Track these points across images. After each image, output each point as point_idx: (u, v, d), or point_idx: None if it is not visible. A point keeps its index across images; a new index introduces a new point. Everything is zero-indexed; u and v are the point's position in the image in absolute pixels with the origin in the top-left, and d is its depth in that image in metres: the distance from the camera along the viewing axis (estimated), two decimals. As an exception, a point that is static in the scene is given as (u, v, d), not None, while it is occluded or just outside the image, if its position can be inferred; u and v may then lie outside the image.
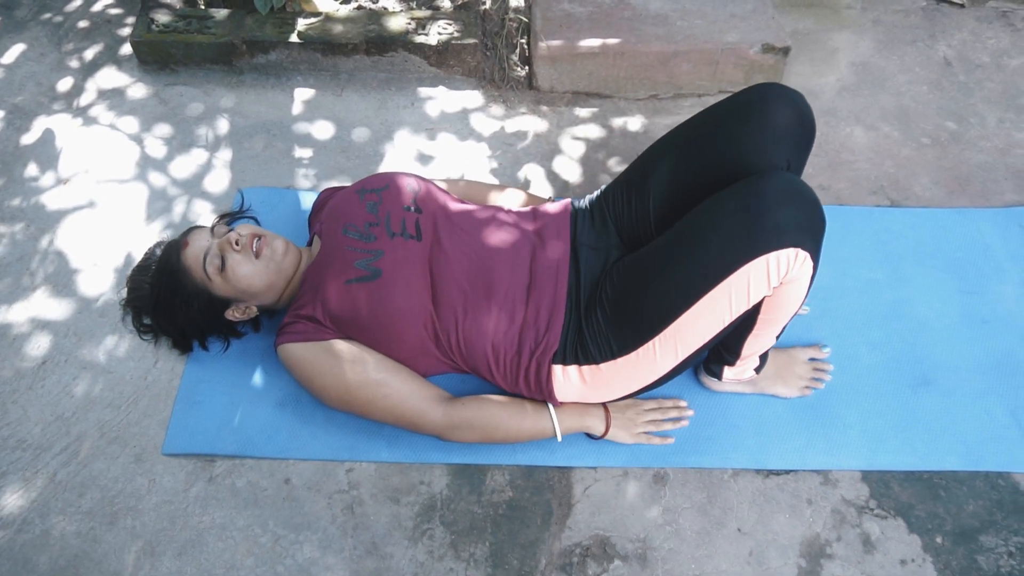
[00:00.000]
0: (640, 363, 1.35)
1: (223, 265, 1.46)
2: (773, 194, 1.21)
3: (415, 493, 1.48)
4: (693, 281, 1.27)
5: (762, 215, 1.20)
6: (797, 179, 1.25)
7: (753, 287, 1.24)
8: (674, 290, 1.28)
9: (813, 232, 1.22)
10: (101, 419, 1.57)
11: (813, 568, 1.40)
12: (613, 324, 1.35)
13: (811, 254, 1.22)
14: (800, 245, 1.20)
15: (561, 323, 1.39)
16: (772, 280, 1.23)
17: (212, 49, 2.14)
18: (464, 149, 2.02)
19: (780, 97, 1.35)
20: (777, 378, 1.56)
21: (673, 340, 1.31)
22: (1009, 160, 1.98)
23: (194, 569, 1.40)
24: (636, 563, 1.40)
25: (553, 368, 1.39)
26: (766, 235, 1.20)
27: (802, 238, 1.20)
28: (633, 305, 1.34)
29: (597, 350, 1.36)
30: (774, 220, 1.20)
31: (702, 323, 1.29)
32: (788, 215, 1.20)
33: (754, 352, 1.43)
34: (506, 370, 1.43)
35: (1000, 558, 1.40)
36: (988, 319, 1.69)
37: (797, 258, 1.21)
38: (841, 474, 1.50)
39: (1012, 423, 1.54)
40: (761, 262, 1.21)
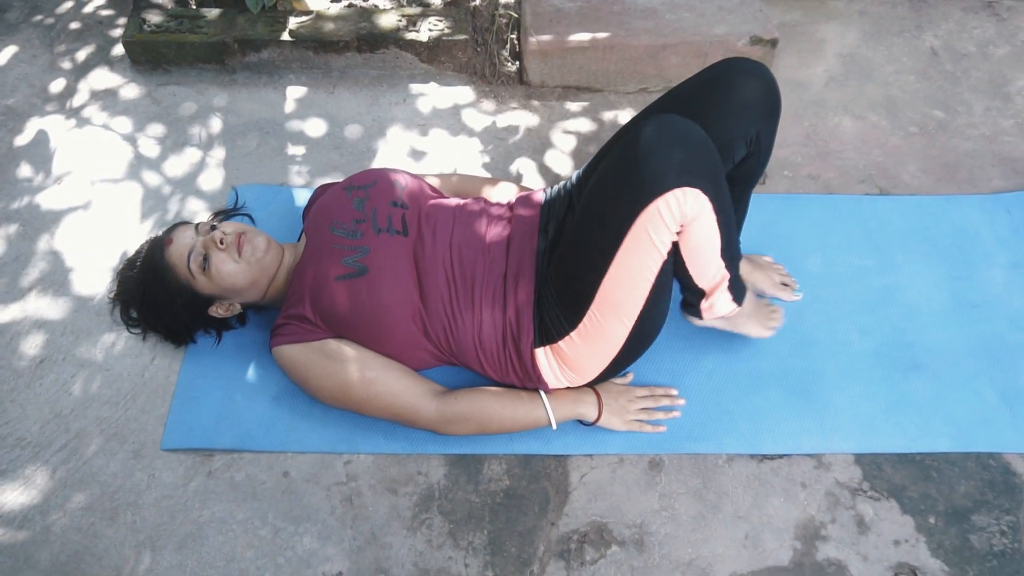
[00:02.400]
0: (592, 334, 1.36)
1: (206, 263, 1.47)
2: (644, 143, 1.19)
3: (413, 484, 1.49)
4: (600, 245, 1.28)
5: (638, 166, 1.19)
6: (669, 119, 1.23)
7: (656, 237, 1.23)
8: (589, 256, 1.30)
9: (695, 167, 1.20)
10: (99, 416, 1.58)
11: (808, 550, 1.41)
12: (558, 301, 1.38)
13: (701, 188, 1.20)
14: (684, 184, 1.18)
15: (530, 308, 1.41)
16: (671, 225, 1.22)
17: (204, 48, 2.15)
18: (456, 144, 2.04)
19: (745, 71, 1.36)
20: (753, 317, 1.57)
21: (608, 305, 1.32)
22: (996, 147, 2.01)
23: (195, 562, 1.41)
24: (633, 548, 1.42)
25: (536, 352, 1.41)
26: (646, 184, 1.19)
27: (684, 177, 1.19)
28: (567, 281, 1.36)
29: (554, 328, 1.39)
30: (650, 168, 1.19)
31: (625, 284, 1.29)
32: (662, 159, 1.18)
33: (713, 285, 1.41)
34: (494, 361, 1.44)
35: (992, 537, 1.42)
36: (977, 303, 1.71)
37: (687, 197, 1.19)
38: (834, 457, 1.52)
39: (1002, 405, 1.56)
40: (652, 210, 1.20)
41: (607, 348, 1.40)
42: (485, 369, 1.47)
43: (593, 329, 1.36)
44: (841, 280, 1.75)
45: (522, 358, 1.43)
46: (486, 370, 1.47)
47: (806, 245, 1.81)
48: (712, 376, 1.61)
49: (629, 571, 1.39)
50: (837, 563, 1.40)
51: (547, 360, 1.42)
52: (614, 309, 1.33)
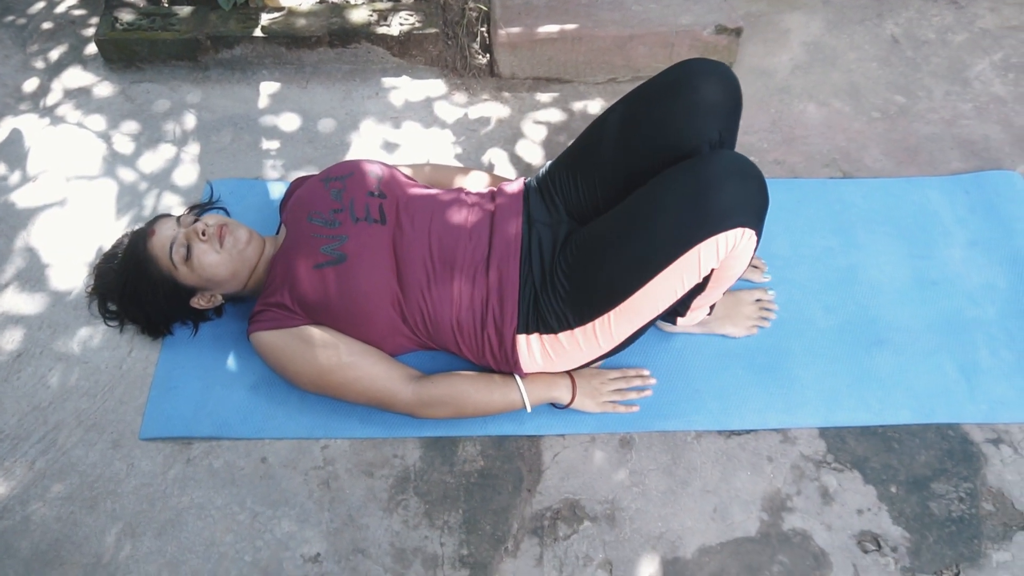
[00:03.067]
0: (597, 334, 1.40)
1: (188, 254, 1.49)
2: (719, 175, 1.26)
3: (389, 466, 1.52)
4: (647, 261, 1.31)
5: (709, 197, 1.25)
6: (740, 157, 1.29)
7: (703, 264, 1.29)
8: (629, 269, 1.33)
9: (757, 210, 1.27)
10: (78, 408, 1.59)
11: (775, 521, 1.46)
12: (570, 298, 1.40)
13: (755, 231, 1.28)
14: (746, 224, 1.25)
15: (516, 296, 1.43)
16: (720, 255, 1.28)
17: (177, 46, 2.16)
18: (428, 136, 2.07)
19: (705, 72, 1.39)
20: (727, 319, 1.64)
21: (628, 313, 1.37)
22: (955, 130, 2.06)
23: (174, 548, 1.43)
24: (605, 523, 1.45)
25: (517, 338, 1.44)
26: (714, 217, 1.25)
27: (747, 217, 1.25)
28: (589, 282, 1.38)
29: (556, 321, 1.41)
30: (720, 202, 1.24)
31: (656, 297, 1.34)
32: (733, 196, 1.24)
33: (703, 305, 1.50)
34: (471, 343, 1.47)
35: (951, 503, 1.46)
36: (937, 280, 1.76)
37: (744, 236, 1.26)
38: (799, 431, 1.56)
39: (961, 377, 1.61)
40: (711, 242, 1.26)
41: (604, 345, 1.44)
42: (461, 350, 1.50)
43: (601, 328, 1.40)
44: (806, 260, 1.79)
45: (503, 342, 1.45)
46: (462, 350, 1.50)
47: (773, 228, 1.84)
48: (681, 356, 1.65)
49: (601, 546, 1.43)
50: (802, 533, 1.44)
51: (528, 346, 1.45)
52: (631, 316, 1.37)
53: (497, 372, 1.53)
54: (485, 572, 1.40)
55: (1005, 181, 1.92)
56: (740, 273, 1.39)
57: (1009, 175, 1.94)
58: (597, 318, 1.38)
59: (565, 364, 1.48)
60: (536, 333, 1.43)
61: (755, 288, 1.71)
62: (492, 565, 1.41)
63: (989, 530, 1.43)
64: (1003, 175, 1.94)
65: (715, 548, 1.43)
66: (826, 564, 1.41)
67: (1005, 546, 1.41)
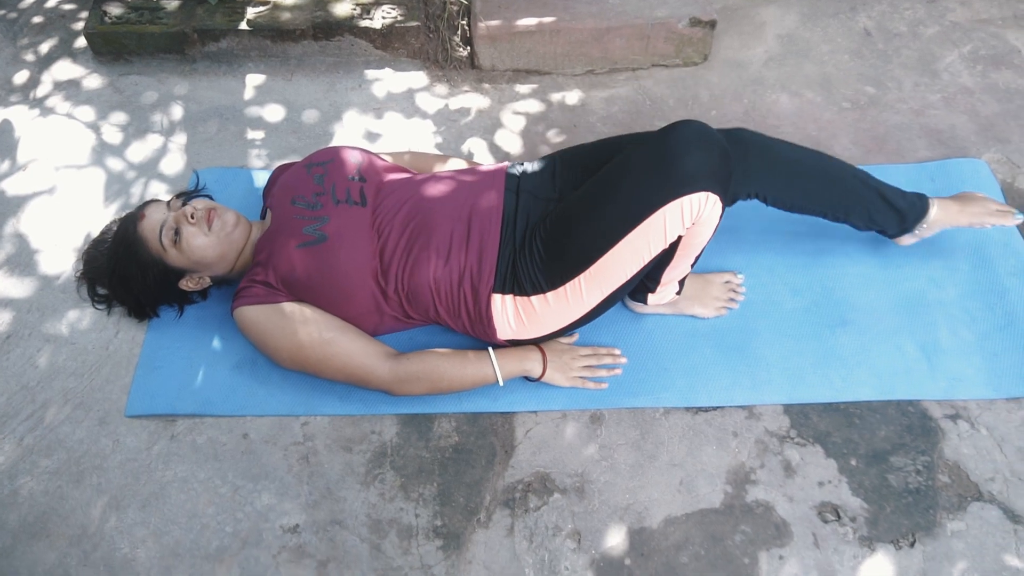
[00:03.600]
0: (568, 298, 1.46)
1: (178, 237, 1.54)
2: (683, 142, 1.32)
3: (367, 442, 1.57)
4: (615, 224, 1.38)
5: (673, 162, 1.32)
6: (705, 127, 1.36)
7: (669, 228, 1.35)
8: (598, 233, 1.40)
9: (720, 177, 1.34)
10: (65, 387, 1.64)
11: (739, 493, 1.51)
12: (544, 263, 1.46)
13: (720, 196, 1.34)
14: (710, 189, 1.32)
15: (494, 258, 1.49)
16: (686, 221, 1.34)
17: (164, 39, 2.22)
18: (410, 126, 2.12)
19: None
20: (695, 300, 1.70)
21: (598, 277, 1.43)
22: (923, 120, 2.11)
23: (158, 519, 1.48)
24: (574, 495, 1.50)
25: (492, 297, 1.49)
26: (678, 181, 1.31)
27: (711, 183, 1.32)
28: (562, 246, 1.44)
29: (530, 284, 1.47)
30: (684, 167, 1.31)
31: (624, 261, 1.40)
32: (697, 162, 1.31)
33: (672, 279, 1.56)
34: (448, 302, 1.52)
35: (908, 475, 1.52)
36: (901, 264, 1.81)
37: (708, 201, 1.32)
38: (764, 408, 1.61)
39: (921, 357, 1.66)
40: (675, 206, 1.32)
41: (575, 311, 1.49)
42: (439, 312, 1.55)
43: (572, 294, 1.46)
44: (775, 244, 1.84)
45: (478, 300, 1.50)
46: (440, 313, 1.55)
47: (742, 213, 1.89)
48: (651, 336, 1.70)
49: (570, 516, 1.48)
50: (765, 504, 1.49)
51: (503, 306, 1.50)
52: (601, 281, 1.43)
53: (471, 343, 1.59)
54: (458, 542, 1.45)
55: (970, 168, 1.98)
56: (705, 242, 1.45)
57: (974, 163, 1.99)
58: (568, 282, 1.44)
59: (537, 330, 1.53)
60: (511, 295, 1.49)
61: (723, 272, 1.77)
62: (465, 535, 1.46)
63: (944, 501, 1.49)
64: (968, 163, 1.99)
65: (680, 519, 1.48)
66: (787, 534, 1.46)
67: (960, 516, 1.47)
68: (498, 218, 1.52)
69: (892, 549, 1.43)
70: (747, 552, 1.44)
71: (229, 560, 1.44)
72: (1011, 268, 1.78)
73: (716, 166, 1.33)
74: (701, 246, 1.45)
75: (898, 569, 1.41)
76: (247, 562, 1.44)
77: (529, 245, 1.48)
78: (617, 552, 1.44)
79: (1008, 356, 1.65)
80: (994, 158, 2.01)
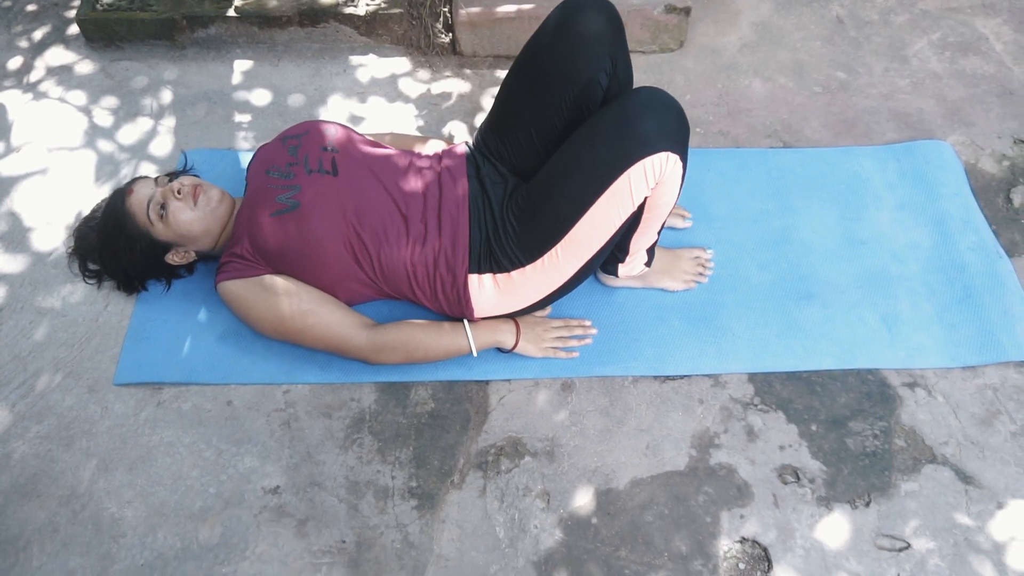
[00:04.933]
0: (547, 269, 1.52)
1: (164, 211, 1.60)
2: (639, 108, 1.38)
3: (346, 408, 1.63)
4: (584, 191, 1.44)
5: (631, 126, 1.38)
6: (658, 91, 1.41)
7: (635, 190, 1.41)
8: (569, 201, 1.46)
9: (678, 136, 1.40)
10: (56, 357, 1.70)
11: (703, 457, 1.57)
12: (520, 238, 1.52)
13: (680, 156, 1.40)
14: (669, 149, 1.38)
15: (467, 243, 1.55)
16: (650, 182, 1.41)
17: (154, 25, 2.27)
18: (393, 110, 2.18)
19: (582, 8, 1.50)
20: (664, 273, 1.75)
21: (573, 245, 1.49)
22: (891, 104, 2.17)
23: (144, 481, 1.54)
24: (544, 458, 1.57)
25: (469, 277, 1.55)
26: (638, 143, 1.37)
27: (669, 143, 1.38)
28: (536, 220, 1.50)
29: (507, 261, 1.53)
30: (642, 130, 1.37)
31: (597, 226, 1.46)
32: (654, 124, 1.37)
33: (640, 248, 1.62)
34: (425, 284, 1.58)
35: (866, 440, 1.58)
36: (866, 240, 1.87)
37: (668, 160, 1.39)
38: (730, 377, 1.67)
39: (882, 327, 1.72)
40: (638, 167, 1.38)
41: (554, 280, 1.56)
42: (415, 294, 1.61)
43: (550, 263, 1.52)
44: (744, 223, 1.91)
45: (456, 282, 1.56)
46: (416, 295, 1.61)
47: (714, 193, 1.97)
48: (622, 308, 1.76)
49: (540, 478, 1.54)
50: (728, 467, 1.55)
51: (480, 285, 1.56)
52: (577, 248, 1.50)
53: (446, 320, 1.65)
54: (432, 502, 1.52)
55: (934, 150, 2.04)
56: (670, 206, 1.50)
57: (939, 144, 2.05)
58: (546, 252, 1.50)
59: (517, 302, 1.59)
60: (489, 273, 1.55)
61: (693, 248, 1.83)
62: (439, 496, 1.52)
63: (900, 463, 1.55)
64: (933, 144, 2.05)
65: (646, 480, 1.54)
66: (748, 494, 1.52)
67: (914, 478, 1.53)
68: (465, 208, 1.58)
69: (848, 508, 1.50)
70: (709, 511, 1.50)
71: (212, 519, 1.50)
72: (971, 244, 1.84)
73: (673, 126, 1.39)
74: (667, 207, 1.50)
75: (853, 527, 1.47)
76: (229, 521, 1.50)
77: (503, 226, 1.54)
78: (584, 512, 1.50)
79: (965, 327, 1.72)
80: (959, 140, 2.07)
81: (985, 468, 1.54)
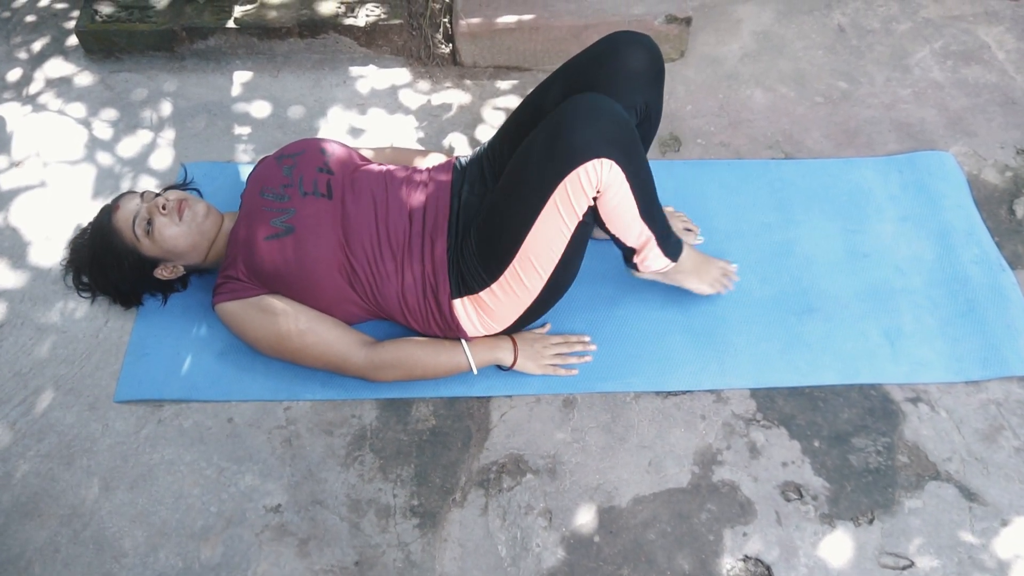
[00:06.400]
0: (511, 286, 1.51)
1: (150, 227, 1.60)
2: (568, 117, 1.37)
3: (347, 425, 1.63)
4: (527, 206, 1.43)
5: (561, 137, 1.36)
6: (595, 97, 1.39)
7: (574, 199, 1.40)
8: (515, 216, 1.45)
9: (610, 140, 1.36)
10: (56, 374, 1.70)
11: (705, 473, 1.56)
12: (479, 256, 1.51)
13: (616, 160, 1.36)
14: (603, 155, 1.35)
15: (445, 263, 1.54)
16: (588, 191, 1.39)
17: (154, 37, 2.27)
18: (393, 122, 2.17)
19: (630, 43, 1.50)
20: (693, 273, 1.70)
21: (528, 260, 1.47)
22: (893, 114, 2.17)
23: (145, 499, 1.54)
24: (546, 476, 1.56)
25: (453, 303, 1.55)
26: (568, 155, 1.36)
27: (603, 149, 1.35)
28: (490, 237, 1.50)
29: (474, 281, 1.53)
30: (572, 140, 1.35)
31: (548, 239, 1.45)
32: (586, 132, 1.35)
33: (640, 244, 1.55)
34: (417, 314, 1.58)
35: (869, 456, 1.57)
36: (868, 253, 1.86)
37: (603, 166, 1.36)
38: (732, 392, 1.67)
39: (884, 342, 1.71)
40: (573, 177, 1.37)
41: (524, 298, 1.54)
42: (409, 322, 1.61)
43: (513, 281, 1.50)
44: (746, 235, 1.90)
45: (441, 309, 1.56)
46: (410, 323, 1.61)
47: (715, 205, 1.96)
48: (623, 323, 1.75)
49: (542, 496, 1.54)
50: (731, 484, 1.55)
51: (464, 310, 1.56)
52: (533, 264, 1.48)
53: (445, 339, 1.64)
54: (434, 520, 1.51)
55: (937, 161, 2.03)
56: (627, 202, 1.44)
57: (941, 155, 2.04)
58: (506, 270, 1.49)
59: (499, 323, 1.59)
60: (466, 296, 1.54)
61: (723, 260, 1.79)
62: (441, 514, 1.52)
63: (903, 480, 1.54)
64: (935, 155, 2.04)
65: (648, 498, 1.53)
66: (751, 512, 1.52)
67: (917, 494, 1.52)
68: (444, 225, 1.57)
69: (851, 526, 1.49)
70: (712, 529, 1.50)
71: (214, 538, 1.50)
72: (974, 256, 1.84)
73: (604, 132, 1.36)
74: (625, 207, 1.45)
75: (857, 545, 1.47)
76: (231, 540, 1.49)
77: (466, 243, 1.53)
78: (587, 530, 1.50)
79: (969, 341, 1.71)
80: (961, 151, 2.07)
81: (989, 485, 1.53)
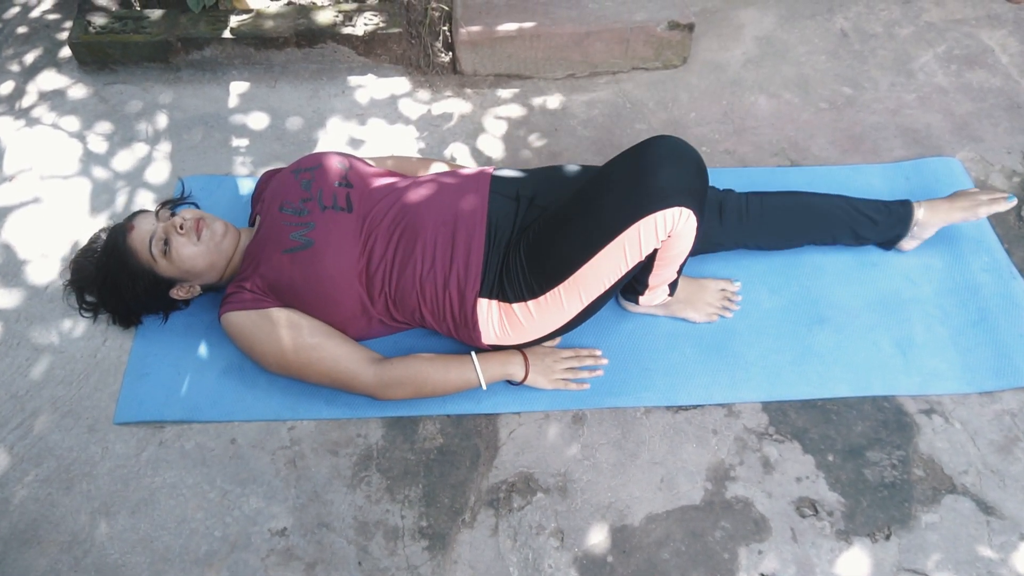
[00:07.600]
0: (549, 307, 1.49)
1: (167, 248, 1.56)
2: (657, 158, 1.36)
3: (353, 445, 1.60)
4: (592, 237, 1.41)
5: (647, 178, 1.35)
6: (679, 142, 1.39)
7: (644, 241, 1.39)
8: (576, 244, 1.43)
9: (693, 191, 1.37)
10: (54, 395, 1.66)
11: (718, 490, 1.54)
12: (527, 272, 1.49)
13: (694, 211, 1.37)
14: (683, 204, 1.35)
15: (480, 262, 1.51)
16: (660, 235, 1.38)
17: (149, 48, 2.23)
18: (393, 132, 2.14)
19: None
20: (687, 304, 1.72)
21: (576, 287, 1.45)
22: (898, 119, 2.15)
23: (147, 525, 1.50)
24: (557, 494, 1.53)
25: (479, 301, 1.51)
26: (651, 197, 1.35)
27: (685, 198, 1.35)
28: (543, 257, 1.47)
29: (512, 292, 1.50)
30: (658, 183, 1.34)
31: (601, 272, 1.44)
32: (669, 177, 1.34)
33: (660, 284, 1.59)
34: (433, 305, 1.55)
35: (884, 470, 1.55)
36: (877, 263, 1.84)
37: (681, 216, 1.36)
38: (743, 406, 1.64)
39: (896, 352, 1.69)
40: (649, 220, 1.36)
41: (556, 320, 1.52)
42: (424, 315, 1.57)
43: (552, 302, 1.49)
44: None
45: (463, 303, 1.52)
46: (424, 315, 1.57)
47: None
48: (632, 336, 1.73)
49: (553, 515, 1.51)
50: (744, 500, 1.52)
51: (488, 312, 1.53)
52: (579, 291, 1.47)
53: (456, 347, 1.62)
54: (443, 542, 1.48)
55: (944, 167, 2.01)
56: (685, 252, 1.48)
57: (948, 161, 2.03)
58: (549, 291, 1.47)
59: (520, 337, 1.56)
60: (496, 300, 1.51)
61: (720, 279, 1.79)
62: (450, 536, 1.49)
63: (919, 494, 1.52)
64: (942, 161, 2.03)
65: (661, 516, 1.51)
66: (766, 529, 1.49)
67: (934, 509, 1.50)
68: (483, 222, 1.54)
69: (868, 542, 1.47)
70: (727, 547, 1.47)
71: (218, 564, 1.46)
72: (984, 264, 1.82)
73: (690, 182, 1.36)
74: (681, 256, 1.49)
75: (874, 561, 1.44)
76: (236, 566, 1.46)
77: (514, 254, 1.51)
78: (600, 550, 1.47)
79: (981, 350, 1.69)
80: (968, 156, 2.05)
81: (1006, 498, 1.51)
